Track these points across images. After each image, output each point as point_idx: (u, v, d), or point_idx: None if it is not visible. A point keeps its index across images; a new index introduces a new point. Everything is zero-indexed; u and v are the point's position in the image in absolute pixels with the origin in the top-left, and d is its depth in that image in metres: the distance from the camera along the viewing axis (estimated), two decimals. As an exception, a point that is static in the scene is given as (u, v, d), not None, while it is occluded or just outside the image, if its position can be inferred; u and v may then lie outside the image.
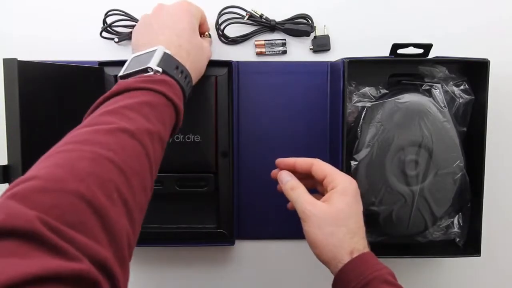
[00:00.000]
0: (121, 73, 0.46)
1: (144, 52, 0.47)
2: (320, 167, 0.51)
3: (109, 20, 0.63)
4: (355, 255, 0.46)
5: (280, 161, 0.54)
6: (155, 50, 0.46)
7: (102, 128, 0.37)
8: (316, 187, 0.54)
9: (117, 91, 0.42)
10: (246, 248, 0.67)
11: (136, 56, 0.48)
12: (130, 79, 0.44)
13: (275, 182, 0.54)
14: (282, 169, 0.54)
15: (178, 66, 0.47)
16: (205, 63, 0.55)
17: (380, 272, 0.45)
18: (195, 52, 0.51)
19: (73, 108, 0.55)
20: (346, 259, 0.46)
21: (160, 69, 0.45)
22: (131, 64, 0.47)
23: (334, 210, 0.47)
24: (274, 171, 0.55)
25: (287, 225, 0.63)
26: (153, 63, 0.45)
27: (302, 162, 0.52)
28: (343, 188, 0.48)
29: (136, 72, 0.45)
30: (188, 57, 0.49)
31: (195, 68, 0.51)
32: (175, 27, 0.50)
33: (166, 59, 0.46)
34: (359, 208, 0.49)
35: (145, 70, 0.45)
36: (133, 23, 0.63)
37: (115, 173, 0.34)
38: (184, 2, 0.54)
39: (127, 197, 0.34)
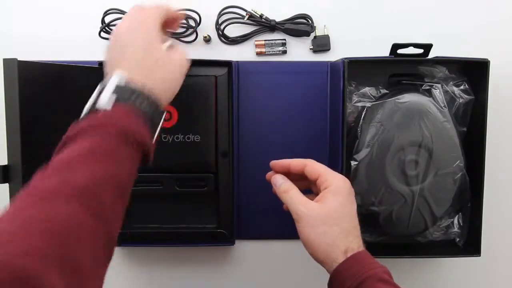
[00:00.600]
0: (85, 108, 0.44)
1: (102, 83, 0.45)
2: (313, 167, 0.51)
3: (107, 19, 0.63)
4: (349, 254, 0.46)
5: (274, 163, 0.54)
6: (110, 78, 0.44)
7: (44, 196, 0.35)
8: (310, 188, 0.54)
9: (70, 137, 0.40)
10: (246, 248, 0.67)
11: (100, 87, 0.45)
12: (83, 122, 0.41)
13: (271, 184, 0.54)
14: (276, 171, 0.53)
15: (135, 90, 0.44)
16: (177, 73, 0.49)
17: (375, 271, 0.44)
18: (159, 66, 0.47)
19: (73, 108, 0.55)
20: (341, 258, 0.46)
21: (112, 102, 0.42)
22: (93, 96, 0.45)
23: (327, 210, 0.47)
24: (269, 174, 0.54)
25: (287, 225, 0.63)
26: (105, 96, 0.42)
27: (296, 163, 0.52)
28: (336, 188, 0.48)
29: (90, 109, 0.43)
30: (150, 74, 0.46)
31: (164, 82, 0.47)
32: (132, 45, 0.47)
33: (121, 87, 0.43)
34: (353, 207, 0.49)
35: (97, 105, 0.42)
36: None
37: (53, 242, 0.33)
38: (138, 13, 0.49)
39: (72, 265, 0.33)
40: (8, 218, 0.34)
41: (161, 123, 0.46)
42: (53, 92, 0.52)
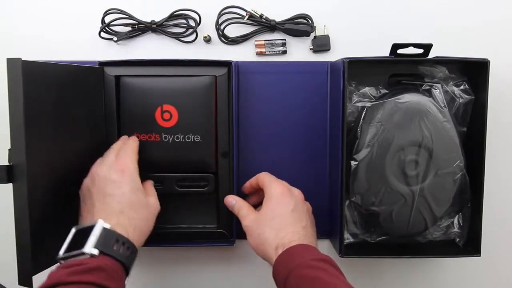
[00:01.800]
0: (60, 254, 0.45)
1: (84, 227, 0.47)
2: (261, 180, 0.57)
3: (107, 19, 0.63)
4: (280, 250, 0.49)
5: (243, 187, 0.61)
6: (94, 226, 0.46)
7: None
8: None
9: (48, 286, 0.41)
10: (246, 248, 0.67)
11: (78, 229, 0.47)
12: (62, 270, 0.43)
13: None
14: (247, 192, 0.60)
15: (119, 239, 0.46)
16: (152, 219, 0.54)
17: (303, 260, 0.47)
18: (138, 213, 0.51)
19: (73, 107, 0.55)
20: (273, 255, 0.50)
21: (96, 252, 0.44)
22: (72, 241, 0.46)
23: (260, 216, 0.54)
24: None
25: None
26: (89, 245, 0.44)
27: (253, 180, 0.59)
28: (269, 195, 0.55)
29: (72, 256, 0.45)
30: (130, 222, 0.49)
31: (141, 229, 0.51)
32: (115, 193, 0.50)
33: (105, 235, 0.46)
34: (286, 208, 0.53)
35: (81, 253, 0.44)
36: (132, 21, 0.63)
37: None
38: (118, 163, 0.52)
39: None
40: None
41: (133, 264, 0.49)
42: (55, 92, 0.52)
